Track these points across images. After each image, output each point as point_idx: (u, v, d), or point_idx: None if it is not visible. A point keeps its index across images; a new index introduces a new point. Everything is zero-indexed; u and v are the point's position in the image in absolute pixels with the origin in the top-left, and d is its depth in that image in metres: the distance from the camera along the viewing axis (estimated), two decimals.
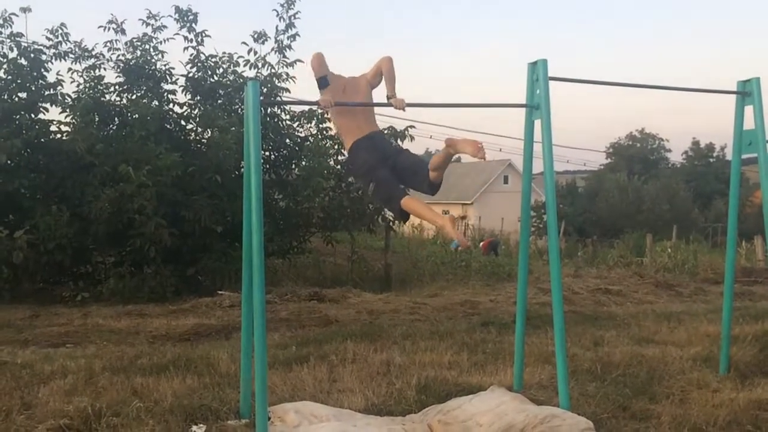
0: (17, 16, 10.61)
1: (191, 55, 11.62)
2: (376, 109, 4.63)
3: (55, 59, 10.99)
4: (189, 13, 11.44)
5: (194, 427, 3.93)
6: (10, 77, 10.55)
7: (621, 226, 33.49)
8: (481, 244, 23.58)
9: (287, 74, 11.86)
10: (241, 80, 11.73)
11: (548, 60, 4.13)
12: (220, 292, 9.75)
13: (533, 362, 5.47)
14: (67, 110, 10.98)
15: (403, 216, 4.39)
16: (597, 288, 11.08)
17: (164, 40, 11.51)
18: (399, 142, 11.99)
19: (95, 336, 7.09)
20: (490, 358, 5.75)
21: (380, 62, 4.43)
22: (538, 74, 4.15)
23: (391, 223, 13.32)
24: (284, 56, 11.79)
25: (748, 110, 4.90)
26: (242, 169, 10.24)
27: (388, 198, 4.33)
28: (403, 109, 4.34)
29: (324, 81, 4.24)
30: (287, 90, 12.00)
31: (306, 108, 12.22)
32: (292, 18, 11.64)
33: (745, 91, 4.88)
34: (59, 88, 10.95)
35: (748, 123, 4.91)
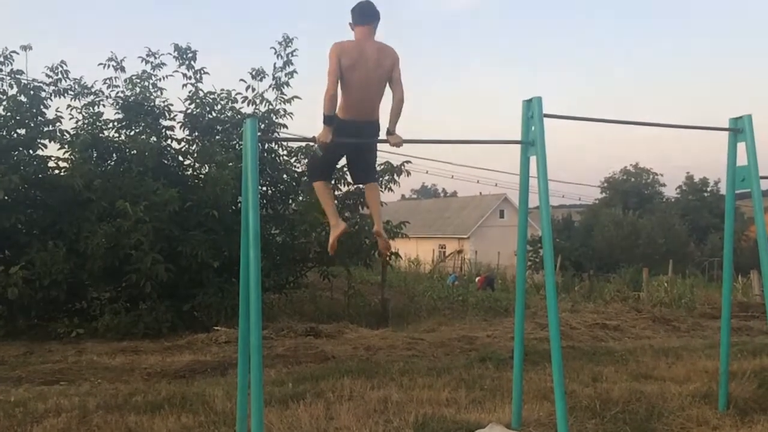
0: (18, 53, 10.75)
1: (190, 91, 11.77)
2: None
3: (55, 96, 11.11)
4: (188, 51, 11.61)
5: None
6: (9, 114, 10.63)
7: (617, 260, 33.52)
8: (477, 279, 23.59)
9: (285, 110, 12.01)
10: (239, 116, 11.85)
11: (543, 97, 4.20)
12: (216, 327, 9.69)
13: (532, 399, 5.43)
14: (66, 146, 11.05)
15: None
16: (594, 323, 11.03)
17: (163, 77, 11.68)
18: (395, 177, 12.06)
19: (89, 373, 7.01)
20: (488, 395, 5.70)
21: (398, 76, 4.36)
22: (533, 111, 4.21)
23: (387, 258, 13.31)
24: (282, 93, 11.95)
25: (741, 146, 4.96)
26: (239, 204, 10.30)
27: (313, 171, 4.70)
28: (399, 146, 4.38)
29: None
30: (285, 126, 12.14)
31: (303, 143, 12.31)
32: (290, 56, 11.82)
33: (737, 128, 4.94)
34: (58, 124, 11.07)
35: (741, 159, 4.96)
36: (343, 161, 4.81)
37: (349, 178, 12.35)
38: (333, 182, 9.52)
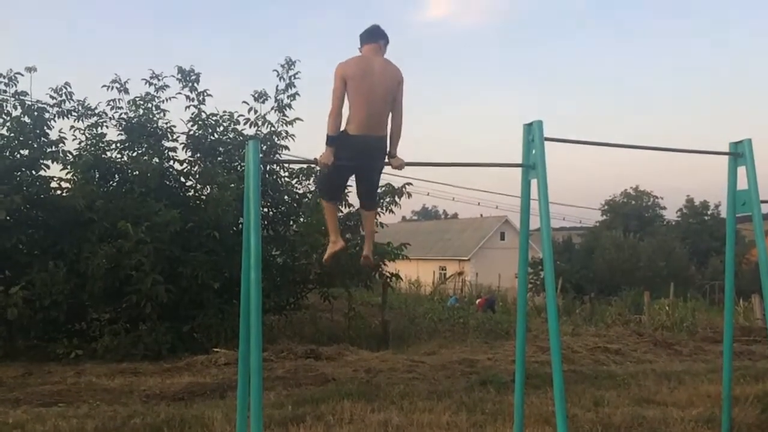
0: (22, 75, 10.84)
1: (192, 113, 11.87)
2: None
3: (59, 117, 11.20)
4: (191, 74, 11.72)
5: None
6: (12, 135, 10.69)
7: (618, 282, 33.40)
8: (477, 302, 23.51)
9: (287, 132, 12.08)
10: (241, 138, 11.92)
11: (544, 120, 4.22)
12: (215, 349, 9.64)
13: (533, 423, 5.39)
14: (68, 167, 11.09)
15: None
16: (596, 346, 10.98)
17: (166, 99, 11.77)
18: (396, 199, 12.07)
19: (88, 395, 6.97)
20: (490, 419, 5.66)
21: (400, 98, 4.43)
22: (533, 135, 4.23)
23: (388, 280, 13.29)
24: (284, 115, 12.04)
25: (741, 170, 4.97)
26: (240, 226, 10.32)
27: (321, 189, 4.85)
28: (400, 168, 4.40)
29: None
30: (286, 147, 12.22)
31: (305, 165, 12.37)
32: (292, 78, 11.92)
33: (738, 152, 4.96)
34: (61, 145, 11.12)
35: (742, 183, 4.97)
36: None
37: (351, 200, 12.44)
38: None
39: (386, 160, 4.41)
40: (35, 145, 10.82)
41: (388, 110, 4.40)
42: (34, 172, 10.82)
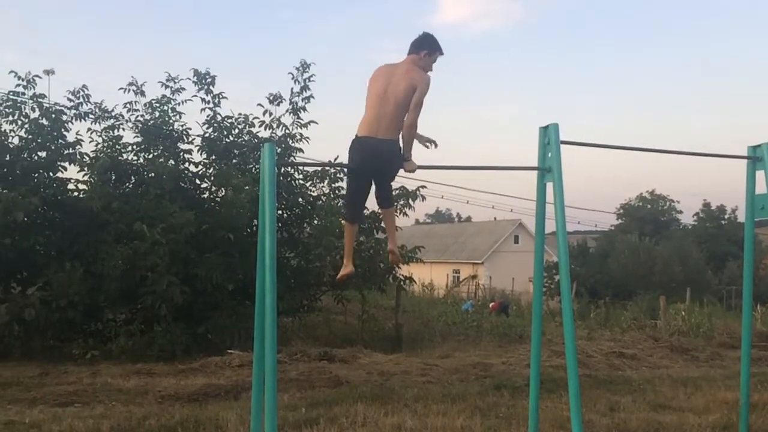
0: (40, 78, 10.95)
1: (208, 116, 11.93)
2: None
3: (76, 119, 11.31)
4: (207, 76, 11.79)
5: None
6: (30, 137, 10.81)
7: (633, 287, 33.16)
8: (491, 305, 23.42)
9: (301, 135, 12.12)
10: (256, 140, 11.97)
11: (560, 124, 4.20)
12: (229, 351, 9.67)
13: (548, 428, 5.36)
14: (85, 169, 11.20)
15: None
16: (611, 351, 10.89)
17: (182, 102, 11.83)
18: (410, 202, 12.06)
19: (104, 395, 7.02)
20: (504, 423, 5.64)
21: (416, 101, 4.30)
22: (549, 138, 4.21)
23: (402, 283, 13.28)
24: (299, 117, 12.06)
25: (759, 174, 4.91)
26: (255, 227, 10.35)
27: (345, 208, 4.88)
28: (412, 172, 4.39)
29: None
30: (301, 150, 12.23)
31: (319, 167, 12.39)
32: (307, 81, 11.95)
33: (756, 156, 4.90)
34: (78, 147, 11.22)
35: (760, 187, 4.92)
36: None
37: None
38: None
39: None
40: (53, 147, 10.93)
41: (401, 115, 4.33)
42: (51, 174, 10.94)
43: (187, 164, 11.93)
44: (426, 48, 4.44)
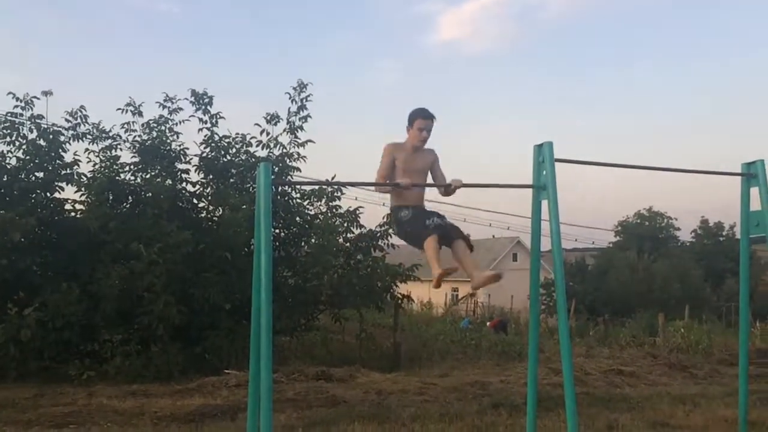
0: (38, 99, 10.98)
1: (205, 135, 11.96)
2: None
3: (73, 140, 11.31)
4: (204, 96, 11.84)
5: None
6: (28, 157, 10.82)
7: (632, 304, 33.07)
8: (488, 324, 23.35)
9: (298, 154, 12.14)
10: (253, 160, 11.99)
11: (555, 142, 4.23)
12: (226, 371, 9.62)
13: None
14: (82, 189, 11.20)
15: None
16: (609, 369, 10.86)
17: (180, 122, 11.86)
18: None
19: (99, 417, 6.98)
20: None
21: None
22: (544, 156, 4.24)
23: (400, 301, 13.24)
24: (296, 137, 12.09)
25: (754, 191, 4.95)
26: (252, 247, 10.35)
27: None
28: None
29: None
30: (298, 169, 12.24)
31: (316, 186, 12.41)
32: (304, 100, 12.01)
33: (750, 173, 4.94)
34: (75, 167, 11.23)
35: (755, 204, 4.94)
36: None
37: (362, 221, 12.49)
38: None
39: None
40: (50, 168, 10.94)
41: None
42: (48, 194, 10.95)
43: (184, 184, 11.94)
44: (408, 123, 4.61)
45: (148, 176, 11.60)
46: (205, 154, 11.99)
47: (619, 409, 7.29)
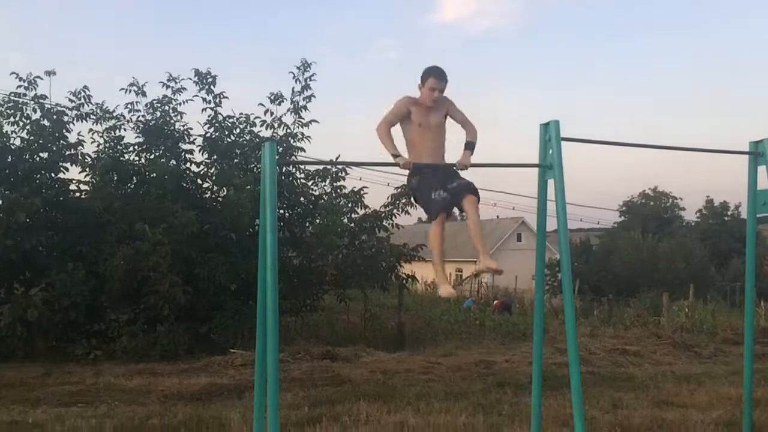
0: (42, 79, 10.95)
1: (209, 116, 11.91)
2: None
3: (77, 120, 11.29)
4: (208, 76, 11.78)
5: None
6: (32, 138, 10.80)
7: (637, 284, 33.09)
8: (495, 303, 23.43)
9: (302, 134, 12.09)
10: (257, 140, 11.96)
11: (561, 120, 4.19)
12: (232, 350, 9.69)
13: (551, 425, 5.36)
14: (87, 169, 11.21)
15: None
16: (614, 348, 10.87)
17: (183, 102, 11.82)
18: (412, 200, 12.06)
19: (107, 395, 7.04)
20: (506, 421, 5.64)
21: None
22: (550, 135, 4.20)
23: (404, 281, 13.28)
24: (300, 117, 12.03)
25: (761, 170, 4.90)
26: (257, 227, 10.36)
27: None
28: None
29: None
30: (302, 149, 12.21)
31: (320, 166, 12.39)
32: (308, 80, 11.93)
33: (758, 152, 4.89)
34: (80, 148, 11.22)
35: (762, 183, 4.90)
36: None
37: (367, 201, 12.47)
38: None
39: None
40: (54, 148, 10.93)
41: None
42: (53, 175, 10.94)
43: (188, 164, 11.93)
44: (420, 81, 4.46)
45: (152, 156, 11.59)
46: (209, 135, 11.96)
47: (624, 388, 7.32)
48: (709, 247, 45.69)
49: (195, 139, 11.98)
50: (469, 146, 4.49)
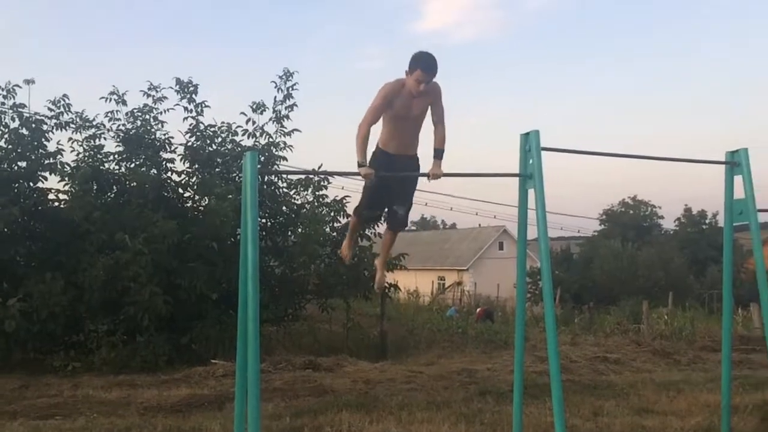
0: (20, 87, 10.84)
1: (191, 124, 11.87)
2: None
3: (56, 129, 11.19)
4: (189, 85, 11.74)
5: None
6: (10, 146, 10.69)
7: (617, 292, 33.40)
8: (477, 311, 23.51)
9: (285, 143, 12.08)
10: (239, 149, 11.93)
11: (542, 130, 4.23)
12: (213, 360, 9.61)
13: None
14: (66, 179, 11.09)
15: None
16: (595, 356, 10.95)
17: (164, 111, 11.76)
18: None
19: (85, 407, 6.94)
20: (488, 430, 5.65)
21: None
22: (530, 145, 4.24)
23: (387, 290, 13.28)
24: (282, 126, 12.03)
25: (738, 179, 4.98)
26: (238, 236, 10.32)
27: (358, 208, 4.81)
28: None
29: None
30: (284, 158, 12.20)
31: (303, 176, 12.38)
32: (290, 89, 11.94)
33: (734, 161, 4.97)
34: (59, 157, 11.10)
35: (739, 192, 4.98)
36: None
37: (349, 210, 12.45)
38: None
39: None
40: (33, 157, 10.81)
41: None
42: (31, 184, 10.82)
43: (169, 173, 11.85)
44: (408, 68, 4.36)
45: (132, 165, 11.51)
46: (190, 143, 11.90)
47: (605, 396, 7.36)
48: (687, 255, 46.31)
49: (176, 148, 11.93)
50: (439, 155, 4.51)
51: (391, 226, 4.75)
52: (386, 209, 4.84)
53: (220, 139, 12.05)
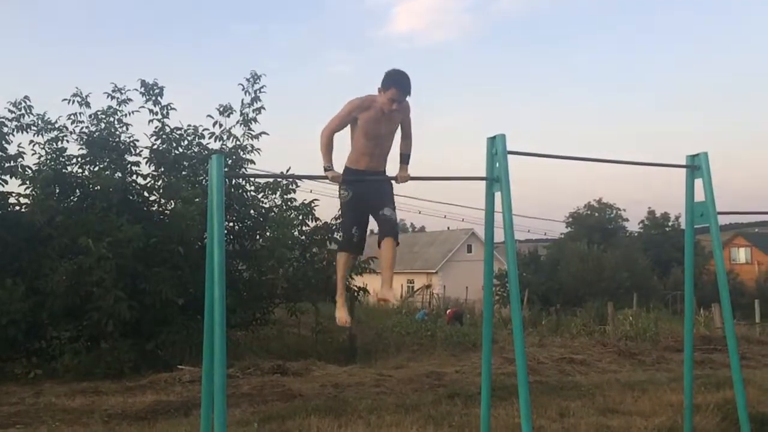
0: None
1: (156, 127, 11.73)
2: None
3: (17, 131, 10.95)
4: (155, 87, 11.60)
5: None
6: None
7: (583, 294, 33.86)
8: (447, 312, 23.61)
9: (252, 146, 12.01)
10: (206, 152, 11.82)
11: (508, 134, 4.27)
12: (180, 366, 9.49)
13: None
14: (27, 182, 10.85)
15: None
16: (561, 357, 11.09)
17: (129, 113, 11.59)
18: None
19: (47, 416, 6.79)
20: None
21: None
22: (497, 148, 4.27)
23: (355, 294, 13.25)
24: (249, 129, 11.96)
25: (698, 183, 5.09)
26: (205, 240, 10.22)
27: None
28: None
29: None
30: (252, 162, 12.11)
31: (270, 179, 12.30)
32: (258, 92, 11.88)
33: (694, 165, 5.07)
34: (20, 160, 10.88)
35: (699, 195, 5.09)
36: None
37: (317, 214, 12.42)
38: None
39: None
40: None
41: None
42: None
43: (134, 177, 11.69)
44: (382, 85, 4.30)
45: (96, 169, 11.32)
46: (156, 146, 11.75)
47: (571, 397, 7.44)
48: (651, 256, 47.14)
49: (141, 151, 11.77)
50: (406, 159, 4.52)
51: (386, 232, 4.48)
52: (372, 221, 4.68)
53: (186, 142, 11.94)
